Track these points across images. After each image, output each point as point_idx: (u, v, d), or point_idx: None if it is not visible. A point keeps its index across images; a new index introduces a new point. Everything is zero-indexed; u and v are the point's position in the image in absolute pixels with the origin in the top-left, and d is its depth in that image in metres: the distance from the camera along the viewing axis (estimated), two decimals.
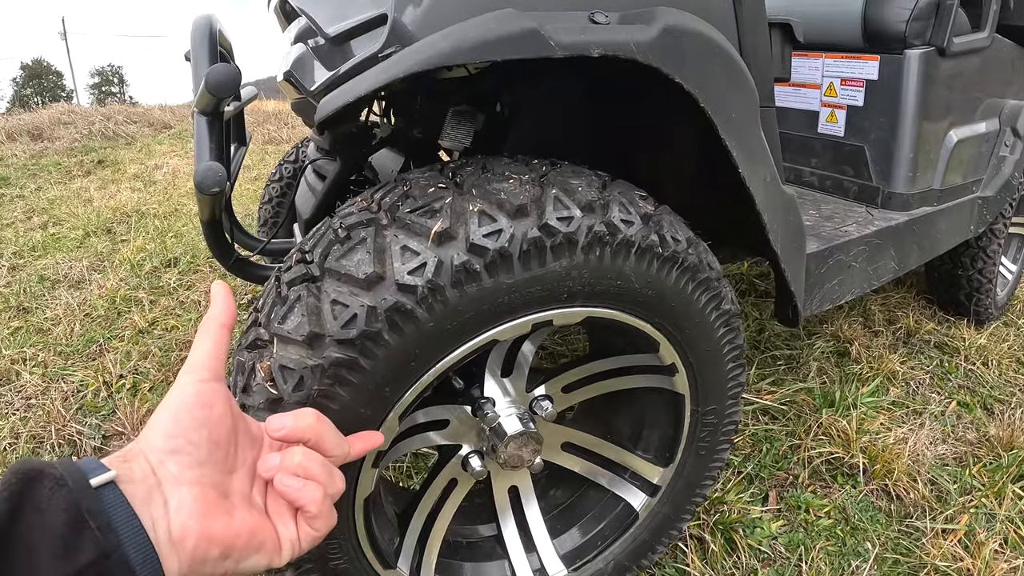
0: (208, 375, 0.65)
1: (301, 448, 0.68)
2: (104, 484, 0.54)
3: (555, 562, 1.37)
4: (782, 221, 1.31)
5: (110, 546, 0.51)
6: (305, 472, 0.66)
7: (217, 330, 0.69)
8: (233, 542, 0.60)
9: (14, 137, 7.52)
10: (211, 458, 0.62)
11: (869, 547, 1.65)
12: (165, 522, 0.56)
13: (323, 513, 0.67)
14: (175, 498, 0.58)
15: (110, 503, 0.53)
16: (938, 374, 2.42)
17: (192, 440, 0.61)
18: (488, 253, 0.90)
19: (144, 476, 0.57)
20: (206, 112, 1.35)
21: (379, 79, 0.92)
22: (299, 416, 0.69)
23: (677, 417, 1.30)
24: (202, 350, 0.67)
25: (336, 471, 0.70)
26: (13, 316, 3.01)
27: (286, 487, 0.65)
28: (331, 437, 0.71)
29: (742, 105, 1.18)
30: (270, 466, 0.67)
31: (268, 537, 0.64)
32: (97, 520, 0.51)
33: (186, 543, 0.56)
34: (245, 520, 0.62)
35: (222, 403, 0.64)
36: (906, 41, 1.97)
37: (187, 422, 0.61)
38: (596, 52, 0.96)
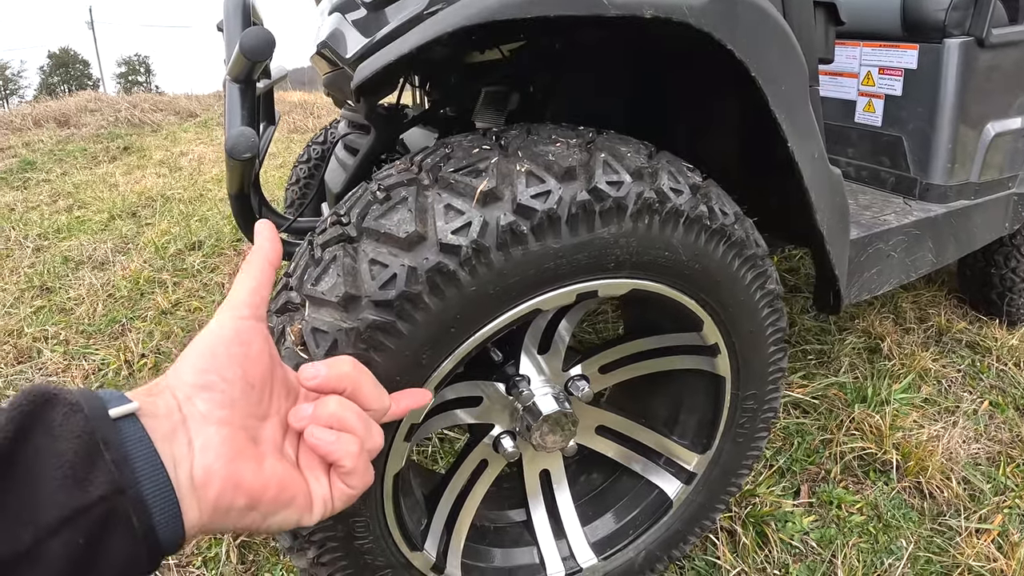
0: (248, 312, 0.60)
1: (336, 398, 0.62)
2: (124, 416, 0.49)
3: (585, 550, 1.34)
4: (828, 200, 1.27)
5: (125, 481, 0.46)
6: (340, 423, 0.61)
7: (262, 266, 0.64)
8: (261, 493, 0.55)
9: (41, 123, 7.60)
10: (244, 399, 0.57)
11: (903, 544, 1.61)
12: (188, 463, 0.51)
13: (359, 469, 0.61)
14: (201, 437, 0.53)
15: (128, 436, 0.48)
16: (970, 373, 2.37)
17: (226, 377, 0.56)
18: (536, 215, 0.86)
19: (169, 412, 0.53)
20: (239, 79, 1.33)
21: (425, 35, 0.89)
22: (334, 364, 0.63)
23: (716, 401, 1.26)
24: (244, 286, 0.62)
25: (374, 425, 0.65)
26: (36, 295, 3.02)
27: (318, 440, 0.60)
28: (370, 388, 0.65)
29: (792, 78, 1.14)
30: (302, 416, 0.61)
31: (299, 492, 0.58)
32: (113, 452, 0.46)
33: (209, 488, 0.52)
34: (276, 470, 0.57)
35: (260, 343, 0.60)
36: (945, 30, 1.92)
37: (222, 358, 0.56)
38: (649, 13, 0.92)
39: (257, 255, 0.65)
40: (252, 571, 1.55)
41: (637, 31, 1.04)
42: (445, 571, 1.19)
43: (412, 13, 1.00)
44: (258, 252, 0.65)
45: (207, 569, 1.56)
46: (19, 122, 7.76)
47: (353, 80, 1.03)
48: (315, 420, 0.61)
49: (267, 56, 1.23)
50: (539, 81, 1.44)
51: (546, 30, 1.19)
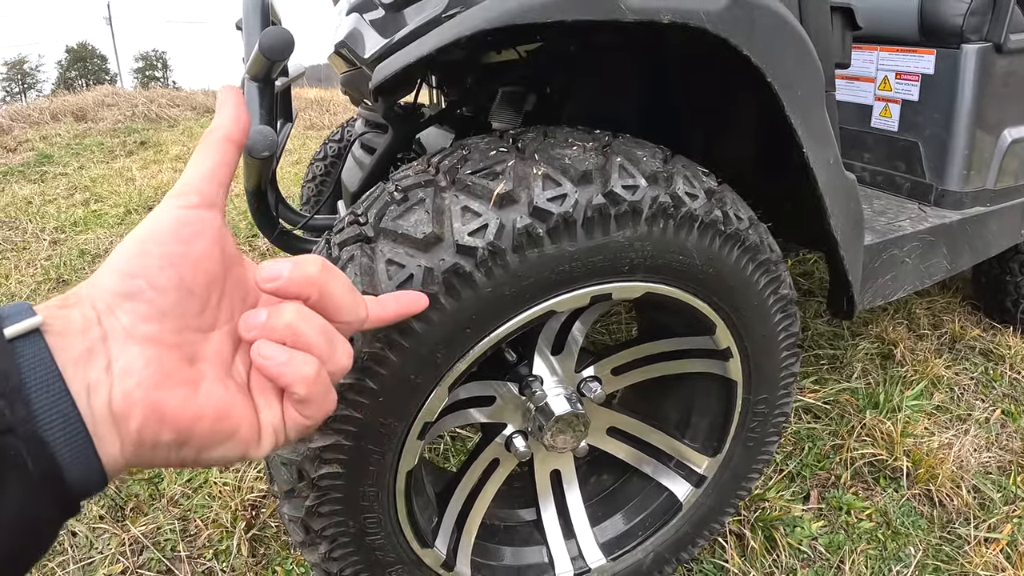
0: (198, 200, 0.49)
1: (295, 305, 0.50)
2: (23, 334, 0.40)
3: (594, 550, 1.34)
4: (843, 206, 1.27)
5: (16, 419, 0.38)
6: (295, 338, 0.49)
7: (221, 144, 0.52)
8: (193, 425, 0.44)
9: (58, 117, 7.66)
10: (179, 309, 0.46)
11: (911, 552, 1.61)
12: (105, 389, 0.42)
13: (315, 396, 0.49)
14: (122, 359, 0.43)
15: (27, 360, 0.39)
16: (983, 381, 2.36)
17: (156, 283, 0.45)
18: (552, 217, 0.87)
19: (86, 326, 0.43)
20: (257, 78, 1.34)
21: (445, 37, 0.89)
22: (300, 264, 0.50)
23: (728, 405, 1.26)
24: (197, 168, 0.51)
25: (341, 342, 0.52)
26: (53, 288, 3.05)
27: (265, 360, 0.47)
28: (342, 295, 0.53)
29: (808, 83, 1.14)
30: (253, 323, 0.49)
31: (243, 422, 0.47)
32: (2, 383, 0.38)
33: (130, 420, 0.42)
34: (213, 396, 0.46)
35: (208, 238, 0.48)
36: (963, 36, 1.91)
37: (153, 258, 0.45)
38: (666, 18, 0.93)
39: (215, 133, 0.53)
40: (263, 564, 1.56)
41: (653, 35, 1.04)
42: (455, 568, 1.20)
43: (431, 15, 1.01)
44: (219, 128, 0.53)
45: (218, 561, 1.57)
46: (37, 116, 7.82)
47: (372, 80, 1.04)
48: (267, 332, 0.49)
49: (286, 56, 1.24)
50: (555, 82, 1.45)
51: (563, 33, 1.19)
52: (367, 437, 0.92)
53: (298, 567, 1.54)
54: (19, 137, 7.07)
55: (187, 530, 1.67)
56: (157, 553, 1.59)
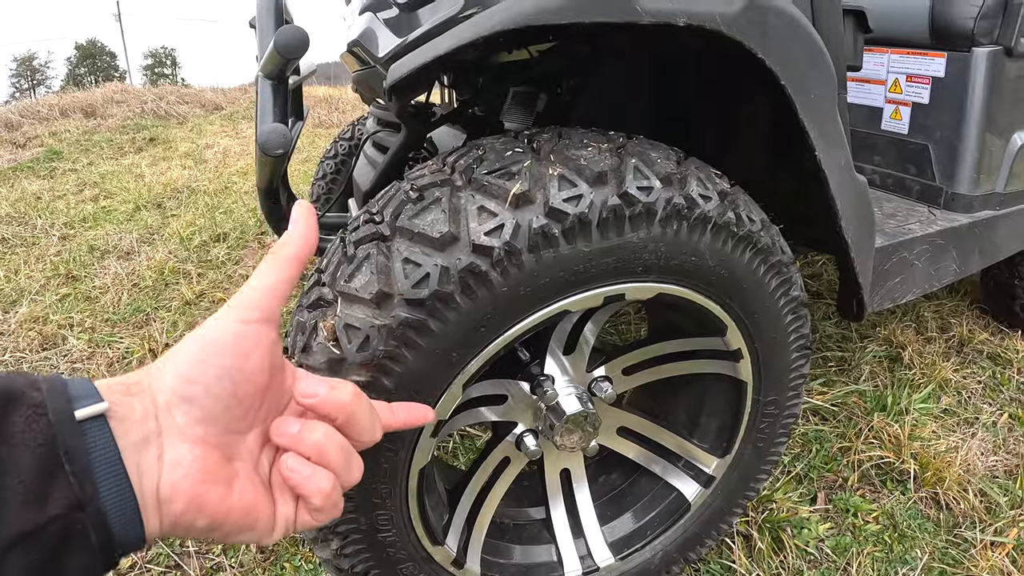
0: (258, 315, 0.54)
1: (324, 427, 0.56)
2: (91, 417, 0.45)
3: (603, 549, 1.35)
4: (854, 209, 1.27)
5: (85, 496, 0.43)
6: (319, 455, 0.55)
7: (287, 262, 0.57)
8: (225, 517, 0.51)
9: (68, 114, 7.68)
10: (227, 416, 0.52)
11: (917, 555, 1.61)
12: (155, 476, 0.48)
13: (327, 507, 0.56)
14: (172, 453, 0.49)
15: (93, 443, 0.45)
16: (991, 385, 2.35)
17: (212, 392, 0.51)
18: (567, 218, 0.88)
19: (144, 417, 0.49)
20: (271, 76, 1.35)
21: (462, 38, 0.90)
22: (336, 389, 0.57)
23: (737, 406, 1.27)
24: (261, 283, 0.55)
25: (356, 460, 0.59)
26: (62, 283, 3.06)
27: (290, 472, 0.55)
28: (364, 421, 0.59)
29: (821, 86, 1.14)
30: (284, 433, 0.55)
31: (263, 516, 0.54)
32: (75, 464, 0.43)
33: (173, 505, 0.48)
34: (244, 495, 0.53)
35: (262, 353, 0.54)
36: (973, 39, 1.91)
37: (212, 368, 0.51)
38: (682, 21, 0.93)
39: (286, 248, 0.58)
40: (272, 560, 1.57)
41: (667, 37, 1.05)
42: (465, 566, 1.20)
43: (447, 15, 1.01)
44: (288, 245, 0.58)
45: (227, 557, 1.58)
46: (46, 112, 7.85)
47: (386, 80, 1.04)
48: (296, 443, 0.55)
49: (301, 54, 1.24)
50: (567, 83, 1.45)
51: (577, 34, 1.20)
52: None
53: (306, 564, 1.55)
54: (28, 133, 7.09)
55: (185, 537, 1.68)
56: (166, 548, 1.60)
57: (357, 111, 8.03)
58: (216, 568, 1.56)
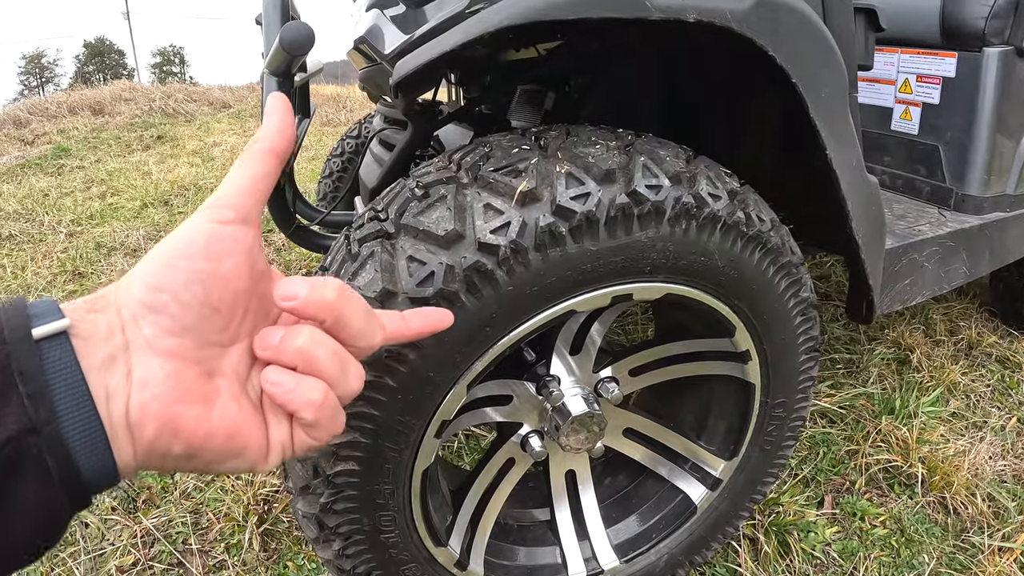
0: (233, 214, 0.48)
1: (309, 329, 0.50)
2: (51, 336, 0.41)
3: (607, 552, 1.34)
4: (865, 209, 1.26)
5: (40, 419, 0.39)
6: (306, 362, 0.49)
7: (264, 156, 0.51)
8: (205, 441, 0.45)
9: (76, 111, 7.71)
10: (202, 326, 0.46)
11: (925, 560, 1.60)
12: (123, 396, 0.43)
13: (322, 420, 0.49)
14: (141, 369, 0.43)
15: (52, 363, 0.40)
16: (999, 388, 2.34)
17: (181, 298, 0.45)
18: (574, 216, 0.87)
19: (110, 332, 0.44)
20: (277, 72, 1.34)
21: (468, 34, 0.89)
22: (318, 287, 0.49)
23: (745, 408, 1.25)
24: (235, 180, 0.50)
25: (352, 365, 0.52)
26: (68, 280, 3.07)
27: (272, 387, 0.48)
28: (357, 321, 0.52)
29: (832, 84, 1.13)
30: (267, 344, 0.49)
31: (253, 440, 0.48)
32: (29, 384, 0.39)
33: (144, 429, 0.43)
34: (227, 414, 0.47)
35: (238, 256, 0.48)
36: (984, 39, 1.90)
37: (181, 274, 0.45)
38: (692, 17, 0.92)
39: (260, 143, 0.52)
40: (274, 559, 1.56)
41: (677, 34, 1.04)
42: (468, 567, 1.19)
43: (453, 11, 1.00)
44: (263, 139, 0.52)
45: (229, 555, 1.57)
46: (54, 109, 7.88)
47: (393, 76, 1.03)
48: (279, 354, 0.49)
49: (307, 50, 1.24)
50: (575, 81, 1.44)
51: (586, 31, 1.19)
52: (384, 435, 0.92)
53: (309, 563, 1.54)
54: (37, 130, 7.12)
55: (199, 523, 1.68)
56: (168, 546, 1.59)
57: (364, 109, 8.04)
58: (219, 566, 1.56)
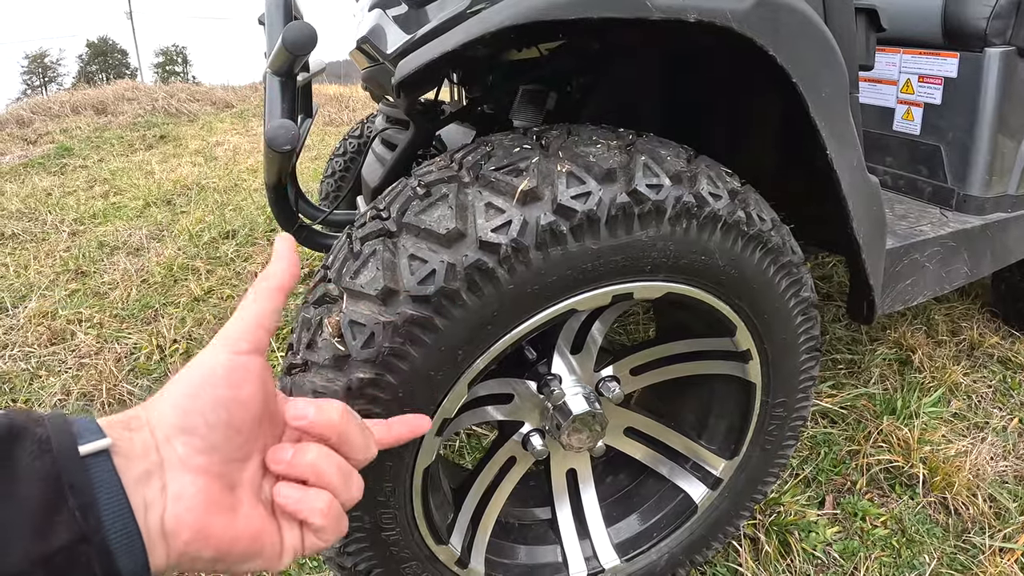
0: (247, 347, 0.56)
1: (317, 447, 0.58)
2: (94, 453, 0.46)
3: (608, 551, 1.34)
4: (866, 209, 1.26)
5: (89, 529, 0.44)
6: (316, 475, 0.57)
7: (273, 293, 0.59)
8: (231, 547, 0.52)
9: (79, 111, 7.72)
10: (226, 444, 0.53)
11: (925, 560, 1.60)
12: (159, 508, 0.49)
13: (328, 524, 0.57)
14: (175, 484, 0.50)
15: (97, 477, 0.46)
16: (1001, 389, 2.33)
17: (209, 422, 0.52)
18: (575, 215, 0.87)
19: (145, 451, 0.50)
20: (280, 72, 1.35)
21: (469, 33, 0.89)
22: (323, 410, 0.59)
23: (746, 408, 1.26)
24: (247, 315, 0.58)
25: (354, 477, 0.61)
26: (71, 279, 3.07)
27: (284, 500, 0.56)
28: (357, 438, 0.61)
29: (833, 84, 1.13)
30: (279, 459, 0.57)
31: (270, 543, 0.55)
32: (79, 498, 0.44)
33: (179, 537, 0.49)
34: (249, 522, 0.54)
35: (254, 383, 0.55)
36: (986, 39, 1.89)
37: (207, 400, 0.52)
38: (692, 17, 0.92)
39: (267, 281, 0.60)
40: None
41: (677, 34, 1.04)
42: (469, 566, 1.20)
43: (455, 11, 1.01)
44: (271, 277, 0.60)
45: None
46: (57, 109, 7.89)
47: (395, 76, 1.04)
48: (291, 468, 0.57)
49: (309, 50, 1.24)
50: (577, 81, 1.45)
51: (586, 30, 1.19)
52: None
53: (311, 560, 1.54)
54: (40, 130, 7.13)
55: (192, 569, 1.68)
56: None
57: (367, 109, 8.04)
58: None
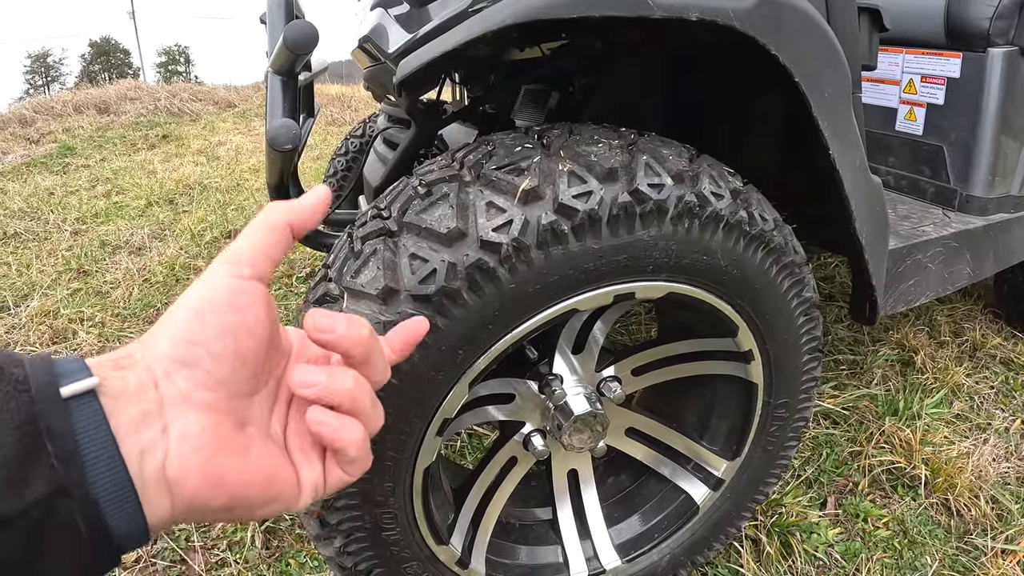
0: (250, 271, 0.49)
1: (353, 374, 0.51)
2: (79, 394, 0.41)
3: (609, 552, 1.34)
4: (868, 210, 1.26)
5: (70, 480, 0.39)
6: (352, 403, 0.50)
7: (281, 227, 0.52)
8: (246, 491, 0.46)
9: (81, 110, 7.73)
10: (233, 377, 0.47)
11: (927, 561, 1.59)
12: (160, 453, 0.43)
13: (361, 456, 0.51)
14: (178, 424, 0.44)
15: (81, 422, 0.40)
16: (1003, 390, 2.33)
17: (214, 351, 0.45)
18: (577, 214, 0.87)
19: (140, 389, 0.44)
20: (281, 72, 1.34)
21: (470, 32, 0.89)
22: (353, 323, 0.50)
23: (748, 408, 1.25)
24: (253, 239, 0.50)
25: (379, 404, 0.54)
26: (73, 278, 3.07)
27: (320, 426, 0.49)
28: (379, 359, 0.54)
29: (835, 84, 1.13)
30: (311, 381, 0.49)
31: (287, 483, 0.49)
32: (58, 444, 0.39)
33: (185, 485, 0.43)
34: (263, 461, 0.48)
35: (260, 309, 0.48)
36: (989, 39, 1.89)
37: (211, 327, 0.46)
38: (694, 16, 0.92)
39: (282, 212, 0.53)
40: (276, 556, 1.57)
41: (679, 32, 1.04)
42: (469, 566, 1.19)
43: (456, 10, 1.00)
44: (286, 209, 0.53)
45: (231, 553, 1.58)
46: (60, 108, 7.90)
47: (396, 75, 1.04)
48: (327, 393, 0.49)
49: (310, 49, 1.24)
50: (579, 80, 1.44)
51: (588, 29, 1.19)
52: (386, 432, 0.92)
53: (311, 560, 1.54)
54: (42, 129, 7.13)
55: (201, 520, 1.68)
56: (171, 543, 1.60)
57: (369, 109, 8.05)
58: (221, 563, 1.56)
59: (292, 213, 0.53)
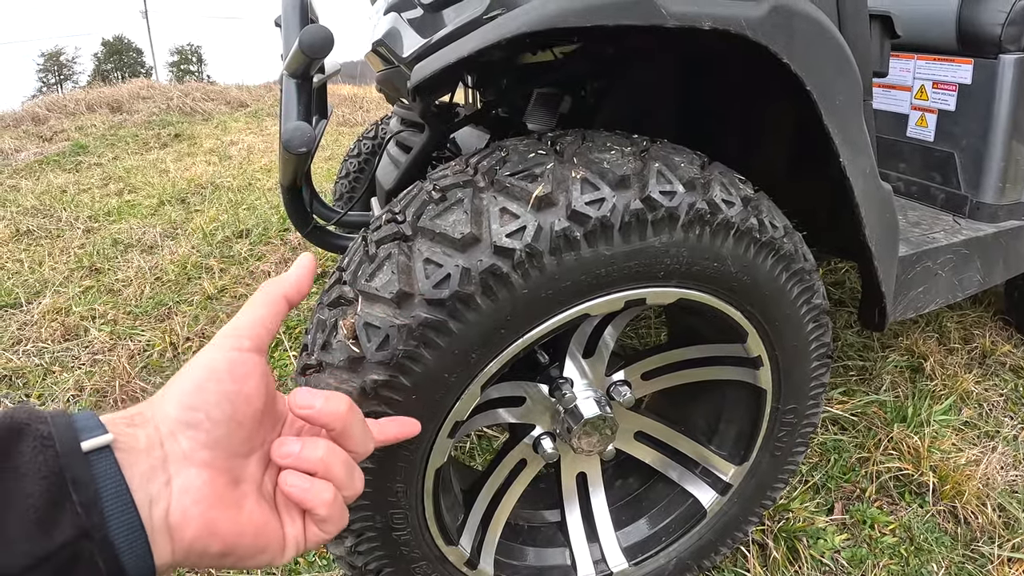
0: (249, 344, 0.57)
1: (325, 443, 0.59)
2: (97, 449, 0.47)
3: (617, 554, 1.34)
4: (878, 216, 1.26)
5: (92, 525, 0.44)
6: (325, 469, 0.58)
7: (276, 299, 0.61)
8: (237, 541, 0.53)
9: (94, 109, 7.77)
10: (230, 439, 0.54)
11: (934, 569, 1.59)
12: (164, 503, 0.49)
13: (333, 516, 0.58)
14: (180, 479, 0.51)
15: (100, 473, 0.46)
16: (1012, 398, 2.32)
17: (213, 416, 0.53)
18: (589, 221, 0.87)
19: (149, 447, 0.50)
20: (296, 75, 1.36)
21: (486, 39, 0.90)
22: (331, 399, 0.59)
23: (756, 413, 1.26)
24: (251, 314, 0.59)
25: (357, 471, 0.61)
26: (85, 276, 3.10)
27: (292, 488, 0.57)
28: (359, 432, 0.61)
29: (846, 92, 1.13)
30: (286, 453, 0.58)
31: (274, 537, 0.56)
32: (82, 493, 0.44)
33: (185, 532, 0.50)
34: (253, 516, 0.55)
35: (257, 379, 0.56)
36: (1001, 46, 1.89)
37: (212, 395, 0.53)
38: (707, 25, 0.93)
39: (277, 286, 0.62)
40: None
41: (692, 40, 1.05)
42: (478, 567, 1.20)
43: (471, 16, 1.01)
44: (279, 283, 0.63)
45: None
46: (73, 107, 7.95)
47: (411, 80, 1.04)
48: (299, 462, 0.58)
49: (326, 53, 1.25)
50: (591, 85, 1.45)
51: (601, 36, 1.19)
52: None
53: (320, 559, 1.55)
54: (55, 127, 7.18)
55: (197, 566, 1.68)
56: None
57: (381, 110, 8.07)
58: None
59: (286, 286, 0.62)
